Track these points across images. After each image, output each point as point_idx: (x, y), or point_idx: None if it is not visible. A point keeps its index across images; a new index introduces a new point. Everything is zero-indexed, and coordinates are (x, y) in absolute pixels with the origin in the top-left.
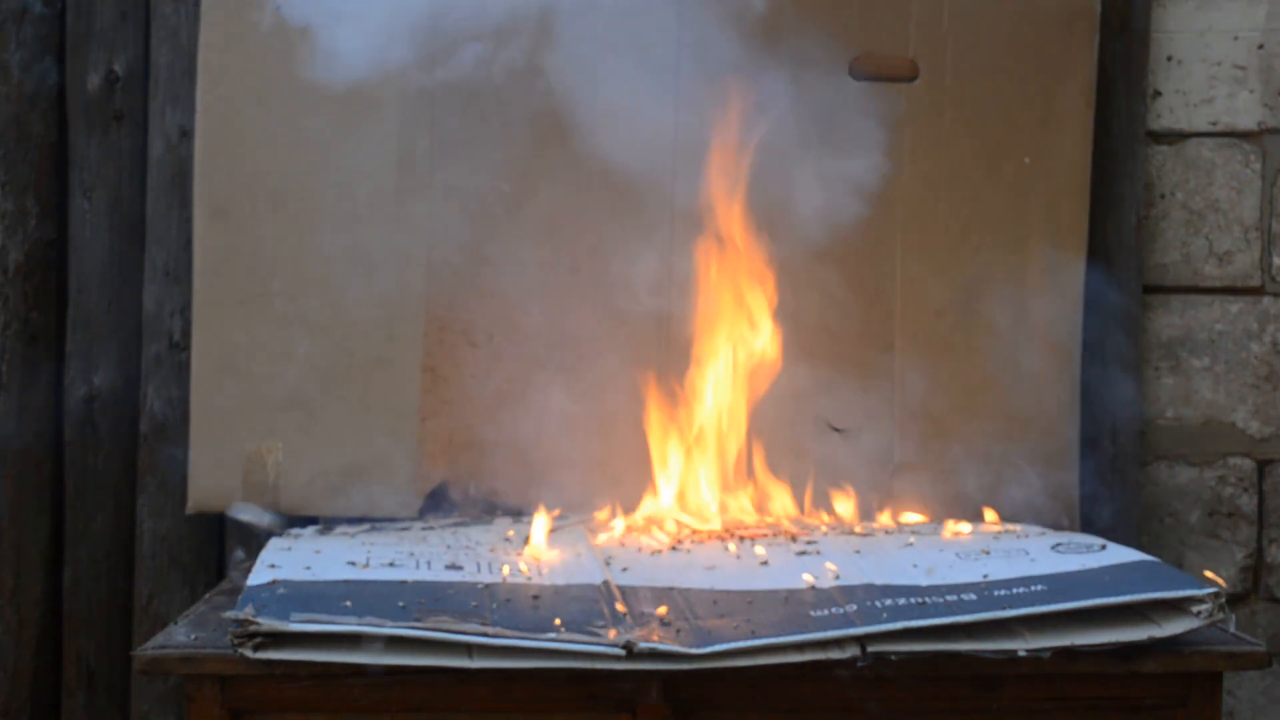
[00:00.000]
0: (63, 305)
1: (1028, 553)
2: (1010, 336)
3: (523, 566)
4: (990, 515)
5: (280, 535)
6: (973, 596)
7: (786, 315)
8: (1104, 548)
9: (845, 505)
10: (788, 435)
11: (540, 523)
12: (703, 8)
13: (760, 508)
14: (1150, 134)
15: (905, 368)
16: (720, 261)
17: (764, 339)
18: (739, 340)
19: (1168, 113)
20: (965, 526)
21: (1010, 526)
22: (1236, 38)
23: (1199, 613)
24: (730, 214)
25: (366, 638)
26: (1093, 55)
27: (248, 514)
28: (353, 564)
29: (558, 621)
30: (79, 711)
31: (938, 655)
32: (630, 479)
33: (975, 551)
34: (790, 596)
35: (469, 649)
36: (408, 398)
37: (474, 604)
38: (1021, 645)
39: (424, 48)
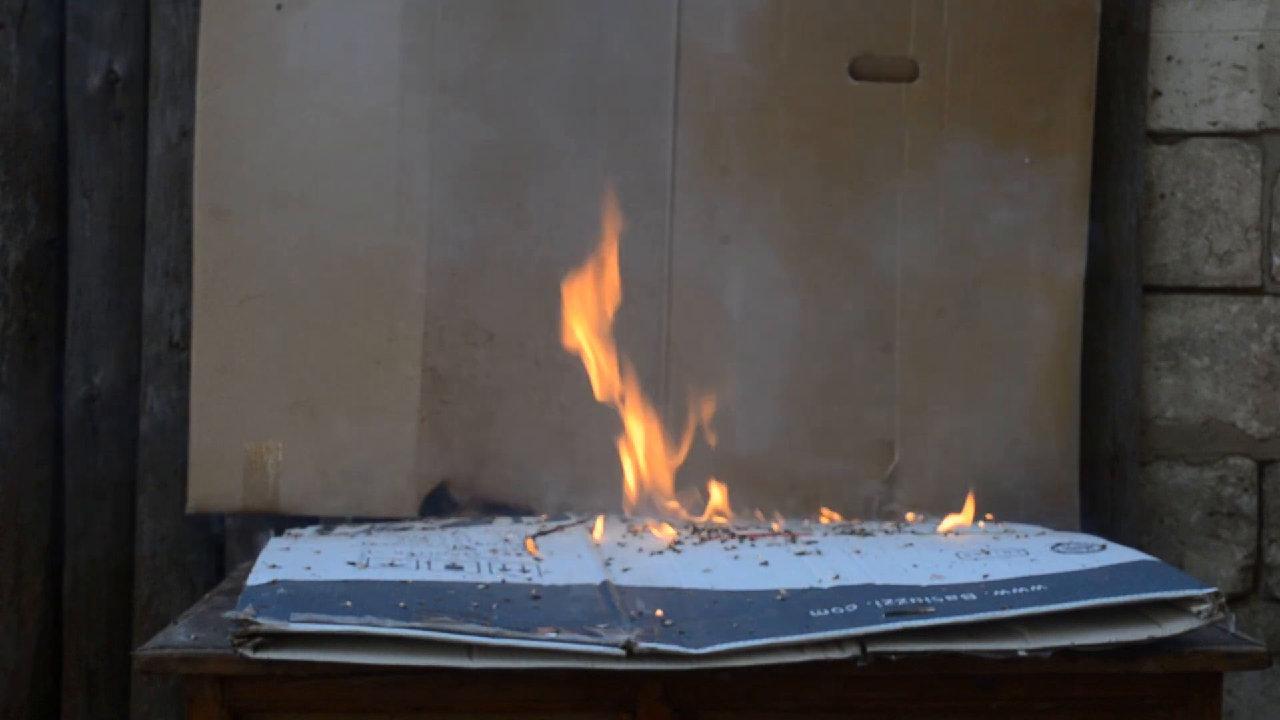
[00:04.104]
0: (63, 305)
1: (1028, 553)
2: (1010, 336)
3: (523, 567)
4: (990, 515)
5: (280, 535)
6: (973, 596)
7: (786, 316)
8: (1104, 548)
9: (844, 505)
10: (787, 434)
11: (539, 524)
12: None
13: (757, 511)
14: (1150, 134)
15: (905, 368)
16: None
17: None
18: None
19: (1168, 113)
20: (965, 526)
21: (1010, 526)
22: (1236, 38)
23: (1199, 613)
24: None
25: (366, 638)
26: (1093, 55)
27: None
28: (353, 564)
29: (557, 624)
30: (79, 711)
31: (938, 655)
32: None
33: (975, 551)
34: (790, 597)
35: (469, 649)
36: (408, 398)
37: (474, 604)
38: (1021, 645)
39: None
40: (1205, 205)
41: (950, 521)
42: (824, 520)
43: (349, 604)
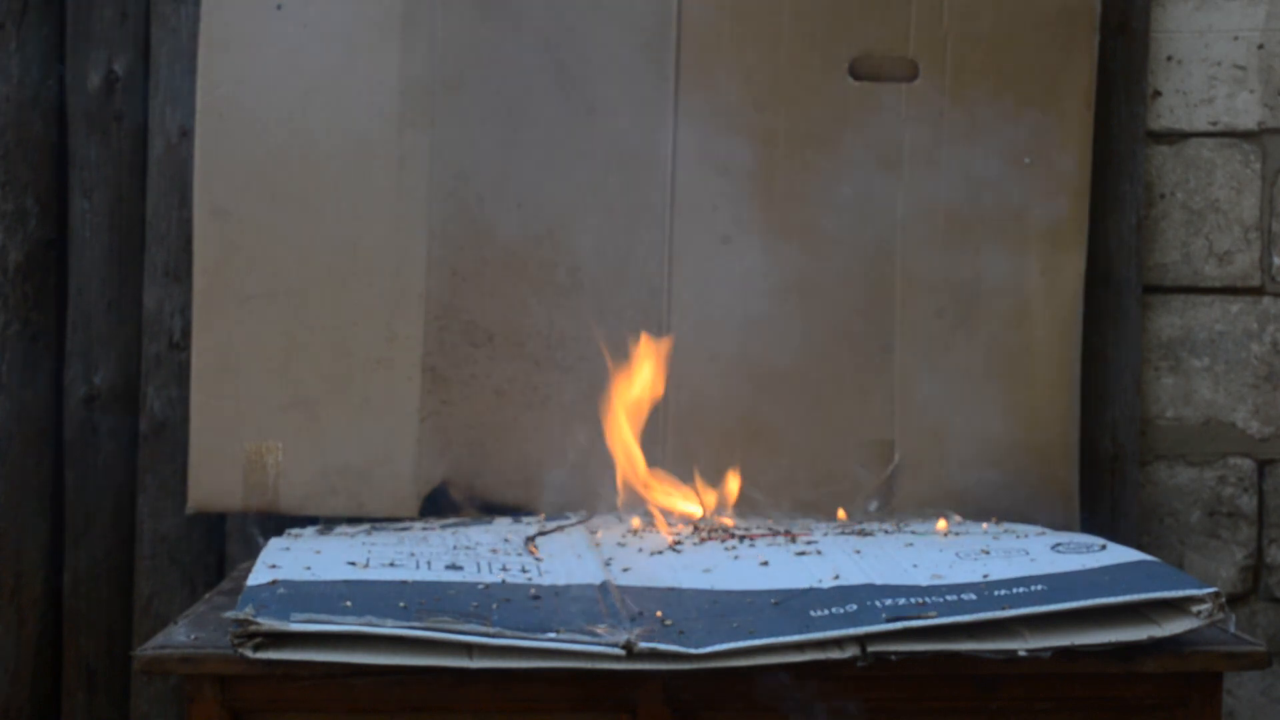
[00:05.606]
0: (63, 305)
1: (1028, 553)
2: (1010, 336)
3: (523, 567)
4: (990, 515)
5: (280, 535)
6: (973, 596)
7: (787, 315)
8: (1104, 548)
9: (844, 505)
10: (787, 434)
11: (539, 524)
12: None
13: (756, 509)
14: (1150, 134)
15: (905, 368)
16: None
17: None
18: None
19: (1168, 113)
20: (965, 526)
21: (1010, 526)
22: (1236, 38)
23: (1199, 613)
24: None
25: (366, 638)
26: (1093, 55)
27: None
28: (353, 564)
29: (557, 624)
30: (79, 711)
31: (938, 655)
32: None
33: (975, 551)
34: (790, 597)
35: (469, 649)
36: (408, 398)
37: (474, 604)
38: (1021, 645)
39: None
40: (1205, 205)
41: (950, 522)
42: (824, 520)
43: (349, 604)
